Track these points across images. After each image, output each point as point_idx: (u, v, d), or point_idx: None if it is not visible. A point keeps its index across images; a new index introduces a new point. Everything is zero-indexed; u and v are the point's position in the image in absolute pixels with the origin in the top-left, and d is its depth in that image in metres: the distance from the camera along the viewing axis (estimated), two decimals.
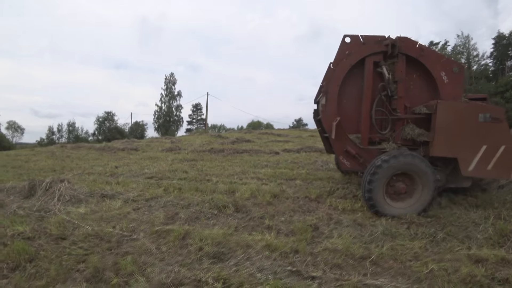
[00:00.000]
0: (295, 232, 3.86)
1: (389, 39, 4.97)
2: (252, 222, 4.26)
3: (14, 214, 4.52)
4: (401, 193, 4.52)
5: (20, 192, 5.74)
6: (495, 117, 4.35)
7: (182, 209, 4.78)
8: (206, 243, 3.40)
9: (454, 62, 5.09)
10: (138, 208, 4.88)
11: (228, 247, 3.34)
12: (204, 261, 3.03)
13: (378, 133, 5.12)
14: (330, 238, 3.67)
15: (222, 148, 13.07)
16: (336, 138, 4.92)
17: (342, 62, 5.05)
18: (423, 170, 4.36)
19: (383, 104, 5.09)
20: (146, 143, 17.41)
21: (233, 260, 3.05)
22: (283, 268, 2.90)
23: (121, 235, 3.68)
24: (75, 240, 3.47)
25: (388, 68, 4.99)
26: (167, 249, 3.34)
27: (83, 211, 4.64)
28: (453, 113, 4.46)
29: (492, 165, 4.35)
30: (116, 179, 7.10)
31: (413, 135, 4.89)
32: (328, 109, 5.08)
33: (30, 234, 3.63)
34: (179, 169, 8.45)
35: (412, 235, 3.84)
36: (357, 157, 5.03)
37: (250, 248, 3.34)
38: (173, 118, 56.08)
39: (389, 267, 3.02)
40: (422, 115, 4.86)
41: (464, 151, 4.40)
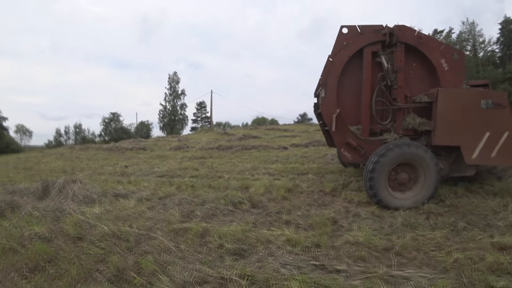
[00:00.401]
0: (314, 226, 3.81)
1: (386, 28, 4.88)
2: (269, 218, 4.23)
3: (29, 215, 4.50)
4: (403, 183, 4.44)
5: (33, 193, 5.73)
6: (497, 103, 4.25)
7: (197, 206, 4.73)
8: (225, 240, 3.34)
9: (453, 49, 5.00)
10: (152, 207, 4.83)
11: (248, 243, 3.30)
12: (226, 258, 2.98)
13: (379, 124, 5.04)
14: (350, 231, 3.63)
15: (230, 145, 13.02)
16: (336, 131, 4.85)
17: (340, 53, 4.97)
18: (424, 159, 4.27)
19: (383, 94, 5.01)
20: (154, 142, 17.44)
21: (255, 256, 3.00)
22: (307, 263, 2.86)
23: (139, 234, 3.63)
24: (93, 240, 3.42)
25: (387, 57, 4.90)
26: (186, 247, 3.30)
27: (98, 210, 4.60)
28: (455, 100, 4.35)
29: (496, 152, 4.26)
30: (127, 179, 7.07)
31: (414, 124, 4.82)
32: (327, 101, 5.01)
33: (47, 235, 3.59)
34: (189, 167, 8.41)
35: (432, 225, 3.78)
36: (358, 149, 4.96)
37: (270, 243, 3.30)
38: (178, 117, 56.12)
39: (413, 258, 2.97)
40: (423, 104, 4.76)
41: (467, 139, 4.30)
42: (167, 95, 55.47)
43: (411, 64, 5.02)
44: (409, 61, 4.98)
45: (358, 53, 5.00)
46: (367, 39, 4.93)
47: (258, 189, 5.71)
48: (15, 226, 4.01)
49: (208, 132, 27.92)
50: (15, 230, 3.76)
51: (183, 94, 56.09)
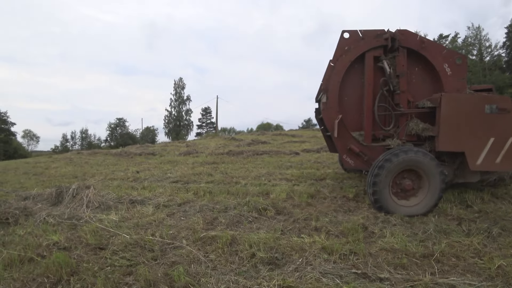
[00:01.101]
0: (345, 233, 3.67)
1: (388, 33, 4.80)
2: (297, 224, 4.03)
3: (44, 222, 4.31)
4: (407, 190, 4.31)
5: (47, 199, 5.55)
6: (502, 107, 4.17)
7: (220, 213, 4.52)
8: (257, 248, 3.16)
9: (456, 53, 4.91)
10: (172, 214, 4.63)
11: (281, 252, 3.13)
12: (260, 268, 2.82)
13: (381, 130, 4.93)
14: (383, 238, 3.50)
15: (240, 150, 12.80)
16: (338, 137, 4.73)
17: (341, 58, 4.88)
18: (429, 166, 4.15)
19: (385, 99, 4.90)
20: (162, 148, 17.29)
21: (291, 266, 2.85)
22: (348, 271, 2.74)
23: (163, 243, 3.42)
24: (115, 249, 3.21)
25: (389, 62, 4.80)
26: (216, 256, 3.10)
27: (116, 218, 4.40)
28: (458, 105, 4.26)
29: (501, 158, 4.18)
30: (141, 184, 6.88)
31: (418, 130, 4.72)
32: (329, 107, 4.90)
33: (66, 244, 3.39)
34: (203, 172, 8.20)
35: (465, 231, 3.69)
36: (361, 155, 4.83)
37: (305, 251, 3.15)
38: (183, 123, 56.25)
39: (454, 265, 2.87)
40: (426, 109, 4.66)
41: (471, 145, 4.21)
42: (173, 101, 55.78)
43: (413, 69, 4.94)
44: (411, 66, 4.91)
45: (360, 58, 4.91)
46: (369, 44, 4.86)
47: (279, 195, 5.51)
48: (31, 234, 3.83)
49: (214, 137, 27.78)
50: (32, 239, 3.57)
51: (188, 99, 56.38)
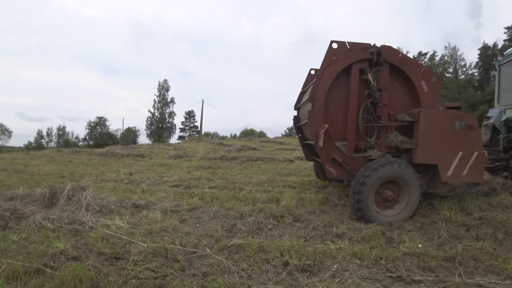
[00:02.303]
0: (366, 239, 3.66)
1: (374, 47, 4.93)
2: (318, 231, 3.93)
3: (40, 227, 3.86)
4: (388, 200, 4.43)
5: (38, 200, 5.05)
6: (469, 124, 4.50)
7: (236, 220, 4.26)
8: (289, 256, 3.02)
9: (433, 72, 5.14)
10: (184, 220, 4.30)
11: (312, 259, 3.03)
12: (297, 276, 2.73)
13: (365, 141, 5.02)
14: (403, 243, 3.53)
15: (234, 155, 12.52)
16: (323, 146, 4.70)
17: (329, 68, 4.90)
18: (410, 177, 4.34)
19: (368, 111, 5.01)
20: (148, 149, 16.66)
21: (327, 272, 2.80)
22: (383, 275, 2.78)
23: (185, 252, 3.11)
24: (136, 260, 2.86)
25: (373, 75, 4.91)
26: (248, 265, 2.89)
27: (122, 223, 4.00)
28: (434, 121, 4.54)
29: (467, 170, 4.52)
30: (138, 187, 6.45)
31: (397, 142, 4.84)
32: (315, 116, 4.90)
33: (75, 253, 2.99)
34: (201, 177, 7.85)
35: (474, 236, 3.84)
36: (343, 165, 4.83)
37: (335, 258, 3.09)
38: (166, 125, 55.10)
39: (475, 267, 2.99)
40: (405, 123, 4.83)
41: (443, 158, 4.51)
42: (156, 102, 54.55)
43: (394, 83, 5.08)
44: (392, 81, 5.05)
45: (346, 69, 4.98)
46: (356, 56, 4.94)
47: (290, 202, 5.31)
48: (28, 240, 3.39)
49: (200, 141, 27.29)
50: (33, 247, 3.14)
51: (172, 102, 55.31)
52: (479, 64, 49.19)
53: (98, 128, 46.83)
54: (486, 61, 46.65)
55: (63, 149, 16.49)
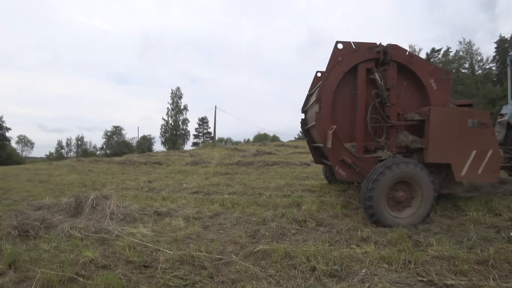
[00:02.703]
0: (392, 242, 3.58)
1: (380, 46, 4.88)
2: (342, 236, 3.88)
3: (68, 235, 3.96)
4: (400, 201, 4.29)
5: (64, 209, 5.17)
6: (482, 122, 4.39)
7: (259, 225, 4.26)
8: (316, 261, 2.99)
9: (441, 70, 5.05)
10: (207, 227, 4.32)
11: (339, 264, 3.00)
12: (326, 281, 2.70)
13: (374, 141, 4.93)
14: (430, 246, 3.43)
15: (250, 160, 12.54)
16: (332, 147, 4.64)
17: (335, 69, 4.86)
18: (423, 178, 4.20)
19: (377, 111, 4.93)
20: (165, 157, 16.89)
21: (355, 277, 2.76)
22: (413, 280, 2.71)
23: (212, 259, 3.12)
24: (164, 267, 2.88)
25: (380, 75, 4.85)
26: (275, 271, 2.86)
27: (146, 231, 4.06)
28: (446, 119, 4.45)
29: (482, 169, 4.40)
30: (159, 195, 6.53)
31: (407, 142, 4.76)
32: (322, 117, 4.85)
33: (104, 262, 3.05)
34: (220, 183, 7.89)
35: (505, 238, 3.69)
36: (353, 167, 4.76)
37: (362, 262, 3.05)
38: (180, 132, 55.78)
39: (510, 270, 2.89)
40: (414, 122, 4.74)
41: (456, 157, 4.40)
42: (170, 110, 55.32)
43: (402, 82, 5.02)
44: (400, 80, 4.99)
45: (352, 69, 4.93)
46: (362, 56, 4.90)
47: (311, 206, 5.30)
48: (58, 249, 3.47)
49: (214, 147, 27.44)
50: (63, 256, 3.21)
51: (185, 109, 55.99)
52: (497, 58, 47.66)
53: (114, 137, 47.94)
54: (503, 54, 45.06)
55: (83, 159, 16.91)
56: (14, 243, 3.68)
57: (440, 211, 4.82)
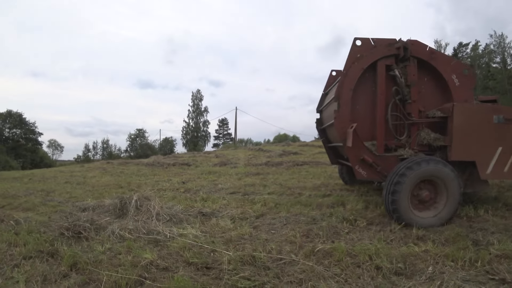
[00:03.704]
0: (450, 241, 3.49)
1: (400, 42, 4.70)
2: (396, 234, 3.81)
3: (119, 237, 3.95)
4: (425, 201, 4.12)
5: (109, 211, 5.21)
6: (508, 118, 4.23)
7: (309, 225, 4.18)
8: (379, 259, 2.93)
9: (463, 65, 4.91)
10: (256, 227, 4.23)
11: (402, 262, 2.93)
12: (394, 279, 2.65)
13: (395, 139, 4.74)
14: (491, 245, 3.31)
15: (280, 161, 12.43)
16: (352, 146, 4.45)
17: (354, 66, 4.69)
18: (448, 176, 4.03)
19: (397, 108, 4.74)
20: (191, 158, 17.03)
21: (422, 275, 2.69)
22: (484, 278, 2.65)
23: (272, 259, 3.03)
24: (226, 268, 2.80)
25: (400, 71, 4.66)
26: (341, 271, 2.80)
27: (195, 232, 4.00)
28: (469, 115, 4.30)
29: (509, 167, 4.24)
30: (197, 196, 6.50)
31: (429, 139, 4.61)
32: (342, 115, 4.67)
33: (165, 263, 2.99)
34: (255, 183, 7.80)
35: None
36: (374, 166, 4.56)
37: (425, 260, 2.97)
38: (201, 134, 56.40)
39: None
40: (436, 119, 4.60)
41: (481, 154, 4.25)
42: (191, 112, 56.09)
43: (422, 79, 4.85)
44: (421, 76, 4.81)
45: (371, 66, 4.76)
46: (381, 52, 4.74)
47: (355, 205, 5.19)
48: (113, 251, 3.45)
49: (237, 148, 27.49)
50: (122, 258, 3.18)
51: (206, 111, 56.60)
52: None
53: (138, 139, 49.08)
54: None
55: (112, 161, 17.30)
56: (68, 244, 3.71)
57: (492, 210, 4.65)
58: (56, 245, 3.60)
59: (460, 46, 48.82)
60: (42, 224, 4.71)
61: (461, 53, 45.78)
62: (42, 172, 13.79)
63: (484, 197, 5.51)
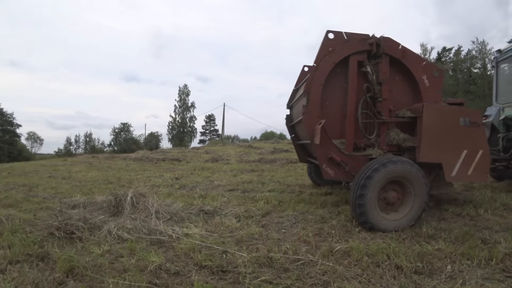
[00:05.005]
0: (460, 239, 3.46)
1: (373, 38, 4.56)
2: (407, 233, 3.69)
3: (117, 237, 3.64)
4: (392, 203, 3.97)
5: (102, 208, 4.85)
6: (473, 121, 4.27)
7: (319, 223, 4.05)
8: (398, 258, 2.88)
9: (434, 66, 4.85)
10: (264, 226, 4.02)
11: (420, 260, 2.90)
12: (416, 278, 2.61)
13: (365, 138, 4.59)
14: (499, 243, 3.33)
15: (273, 158, 12.24)
16: (320, 144, 4.27)
17: (325, 59, 4.49)
18: (417, 177, 3.92)
19: (367, 106, 4.60)
20: (180, 153, 16.60)
21: (441, 274, 2.68)
22: (502, 275, 2.67)
23: (290, 260, 2.86)
24: (244, 271, 2.58)
25: (372, 68, 4.54)
26: (362, 270, 2.72)
27: (200, 231, 3.76)
28: (439, 116, 4.26)
29: (472, 170, 4.27)
30: (194, 192, 6.21)
31: (399, 140, 4.50)
32: (310, 111, 4.45)
33: (175, 267, 2.73)
34: (253, 180, 7.57)
35: None
36: (342, 165, 4.40)
37: (440, 259, 2.94)
38: (187, 129, 55.58)
39: None
40: (406, 119, 4.51)
41: (448, 156, 4.24)
42: (177, 107, 55.16)
43: (394, 77, 4.72)
44: (392, 75, 4.68)
45: (343, 61, 4.59)
46: (354, 47, 4.55)
47: None
48: (112, 253, 3.15)
49: (225, 145, 27.14)
50: (124, 261, 2.90)
51: (192, 106, 55.77)
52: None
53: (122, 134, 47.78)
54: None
55: (98, 155, 16.65)
56: (60, 246, 3.38)
57: (491, 210, 4.68)
58: (46, 247, 3.25)
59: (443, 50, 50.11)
60: (27, 223, 4.30)
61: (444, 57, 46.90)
62: (22, 165, 13.06)
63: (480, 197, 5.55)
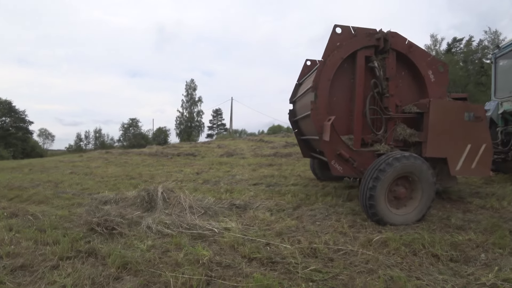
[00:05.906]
0: (489, 230, 3.56)
1: (381, 33, 4.53)
2: (437, 224, 3.83)
3: (157, 232, 3.74)
4: (400, 198, 4.00)
5: (134, 204, 4.97)
6: (477, 116, 4.31)
7: (350, 215, 4.21)
8: (433, 248, 3.01)
9: (439, 61, 4.82)
10: (298, 218, 4.14)
11: (453, 249, 3.01)
12: (452, 266, 2.73)
13: (372, 134, 4.58)
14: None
15: (288, 152, 12.32)
16: (329, 141, 4.27)
17: (333, 55, 4.48)
18: (424, 172, 3.95)
19: (375, 102, 4.59)
20: (192, 148, 16.75)
21: (476, 262, 2.80)
22: None
23: (332, 250, 3.04)
24: (293, 262, 2.71)
25: (379, 63, 4.52)
26: (401, 259, 2.85)
27: (236, 225, 3.85)
28: (444, 112, 4.32)
29: (475, 164, 4.34)
30: (219, 187, 6.31)
31: (405, 135, 4.54)
32: (319, 107, 4.45)
33: (225, 260, 2.82)
34: (274, 174, 7.67)
35: None
36: (350, 161, 4.41)
37: (473, 248, 3.06)
38: (194, 124, 55.78)
39: None
40: (412, 115, 4.56)
41: (453, 151, 4.31)
42: (184, 102, 55.28)
43: (400, 73, 4.72)
44: (398, 70, 4.67)
45: (350, 56, 4.57)
46: (361, 42, 4.54)
47: None
48: (159, 248, 3.23)
49: (235, 139, 27.23)
50: (174, 255, 2.98)
51: (200, 101, 55.86)
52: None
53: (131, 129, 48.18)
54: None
55: (111, 151, 16.91)
56: (103, 241, 3.48)
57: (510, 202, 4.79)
58: (91, 243, 3.36)
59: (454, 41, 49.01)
60: (63, 219, 4.45)
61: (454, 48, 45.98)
62: (41, 162, 13.32)
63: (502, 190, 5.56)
